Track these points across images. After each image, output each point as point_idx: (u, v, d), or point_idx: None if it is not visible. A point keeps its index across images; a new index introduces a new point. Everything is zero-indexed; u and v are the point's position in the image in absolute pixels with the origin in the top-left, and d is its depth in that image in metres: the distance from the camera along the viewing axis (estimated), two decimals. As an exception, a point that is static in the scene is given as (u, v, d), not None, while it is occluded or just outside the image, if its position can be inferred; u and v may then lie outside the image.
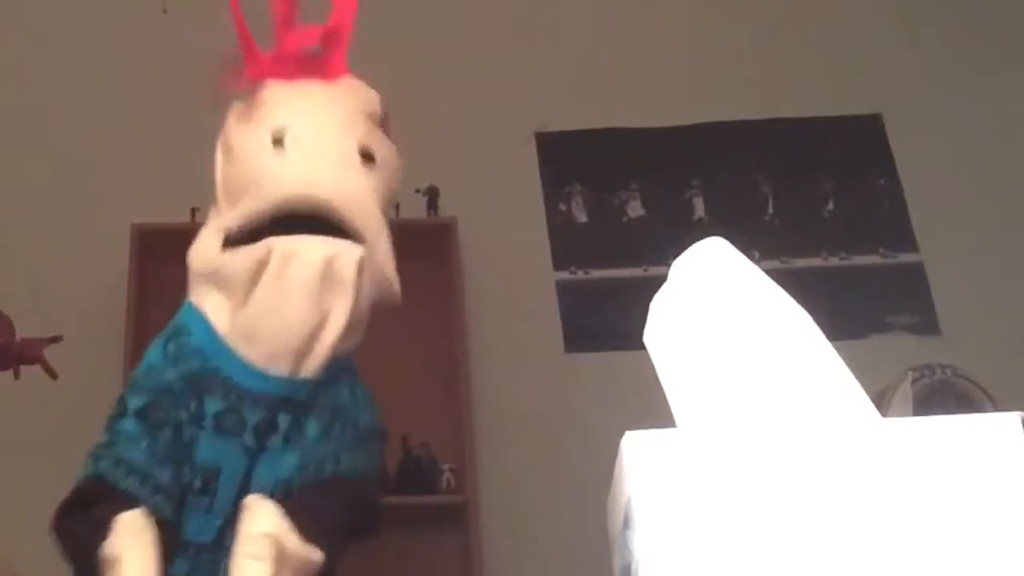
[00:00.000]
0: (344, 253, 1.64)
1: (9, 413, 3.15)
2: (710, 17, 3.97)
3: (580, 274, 3.71)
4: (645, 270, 3.56)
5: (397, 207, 3.60)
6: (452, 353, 3.43)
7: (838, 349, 0.91)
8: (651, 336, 0.97)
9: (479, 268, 3.58)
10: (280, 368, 1.65)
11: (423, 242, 3.52)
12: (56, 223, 3.61)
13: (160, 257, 3.16)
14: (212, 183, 1.81)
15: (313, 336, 1.64)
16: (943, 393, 2.63)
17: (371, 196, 1.72)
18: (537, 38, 3.92)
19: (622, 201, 3.81)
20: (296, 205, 1.66)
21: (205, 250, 1.71)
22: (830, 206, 3.80)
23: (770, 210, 3.80)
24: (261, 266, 1.62)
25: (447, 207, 3.56)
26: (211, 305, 1.70)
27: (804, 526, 0.77)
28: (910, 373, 2.67)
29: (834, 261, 3.72)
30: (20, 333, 2.54)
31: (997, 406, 2.51)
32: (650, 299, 0.99)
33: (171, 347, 1.71)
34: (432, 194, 3.55)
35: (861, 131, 3.87)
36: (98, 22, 3.87)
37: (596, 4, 4.00)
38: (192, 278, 1.74)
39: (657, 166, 3.83)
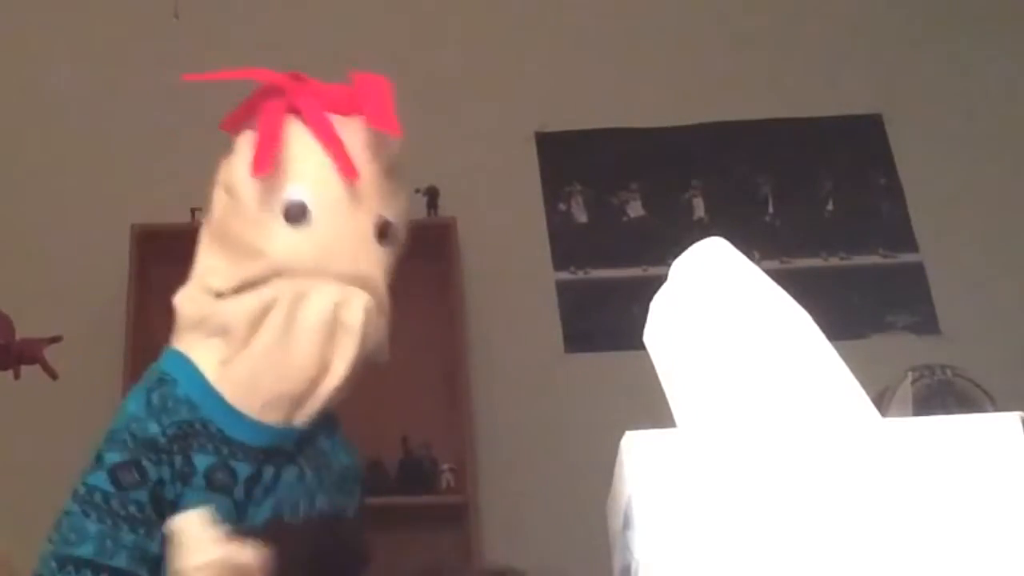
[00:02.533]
0: (352, 300, 1.56)
1: (9, 413, 3.15)
2: (710, 17, 3.97)
3: (580, 274, 3.71)
4: (645, 270, 3.56)
5: (397, 207, 3.63)
6: (452, 353, 3.43)
7: (838, 349, 0.91)
8: (651, 336, 0.97)
9: (479, 268, 3.58)
10: (274, 417, 1.57)
11: (423, 242, 3.51)
12: (56, 223, 3.62)
13: (160, 257, 3.16)
14: (208, 210, 1.71)
15: (314, 383, 1.56)
16: (943, 393, 2.63)
17: (382, 276, 1.64)
18: (537, 38, 3.93)
19: (622, 201, 3.81)
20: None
21: (198, 294, 1.62)
22: (830, 206, 3.80)
23: (770, 210, 3.80)
24: (266, 310, 1.55)
25: (447, 207, 3.57)
26: (199, 353, 1.60)
27: (804, 526, 0.77)
28: (910, 373, 2.67)
29: (834, 261, 3.72)
30: (20, 333, 2.54)
31: (997, 406, 2.51)
32: (650, 299, 0.99)
33: (155, 397, 1.58)
34: (432, 194, 3.56)
35: (861, 131, 3.87)
36: (106, 25, 3.88)
37: (596, 4, 4.00)
38: (179, 325, 1.64)
39: (657, 166, 3.83)
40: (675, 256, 0.99)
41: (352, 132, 1.67)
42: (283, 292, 1.55)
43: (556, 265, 3.71)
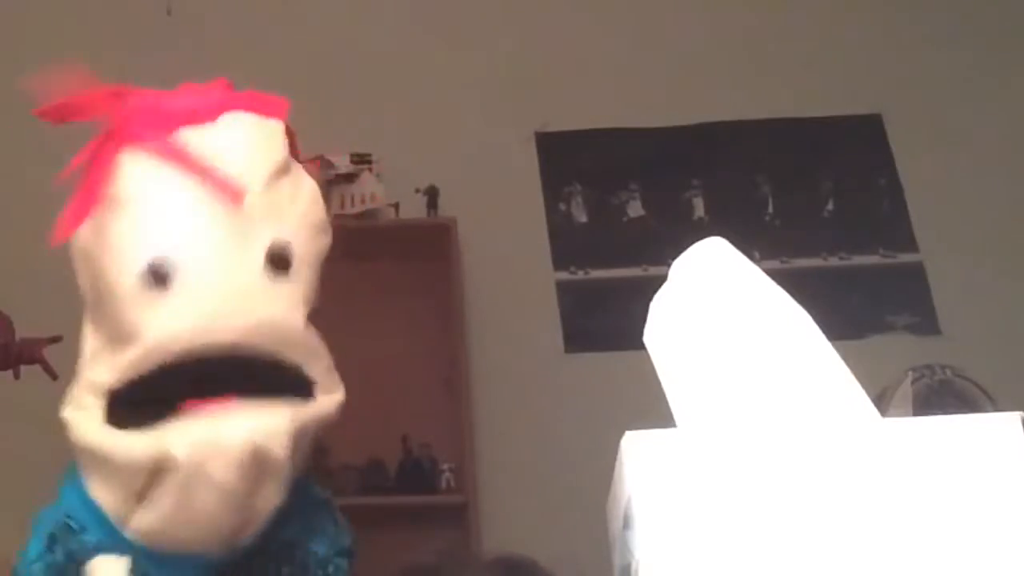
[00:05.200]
0: (273, 431, 1.23)
1: (9, 413, 3.15)
2: (710, 17, 3.97)
3: (580, 274, 3.71)
4: (645, 270, 3.56)
5: (397, 207, 3.64)
6: (452, 353, 3.43)
7: (838, 349, 0.91)
8: (651, 336, 0.97)
9: (479, 268, 3.58)
10: (211, 551, 1.30)
11: (423, 242, 3.53)
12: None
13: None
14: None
15: (240, 529, 1.28)
16: (943, 393, 2.63)
17: (291, 313, 1.29)
18: (537, 38, 3.92)
19: (622, 201, 3.81)
20: (195, 357, 1.25)
21: (83, 420, 1.30)
22: (830, 206, 3.80)
23: (770, 210, 3.79)
24: (160, 460, 1.22)
25: (447, 207, 3.56)
26: (104, 487, 1.31)
27: (804, 526, 0.77)
28: (910, 373, 2.67)
29: (834, 261, 3.72)
30: (20, 333, 2.54)
31: (997, 406, 2.51)
32: (650, 299, 0.99)
33: (59, 551, 1.33)
34: (432, 194, 3.55)
35: (861, 131, 3.87)
36: (101, 23, 3.88)
37: (596, 4, 4.00)
38: (75, 447, 1.34)
39: (657, 166, 3.83)
40: (675, 256, 0.99)
41: (221, 140, 1.33)
42: (178, 447, 1.21)
43: (556, 265, 3.71)
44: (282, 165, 1.35)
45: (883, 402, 2.43)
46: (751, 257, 0.98)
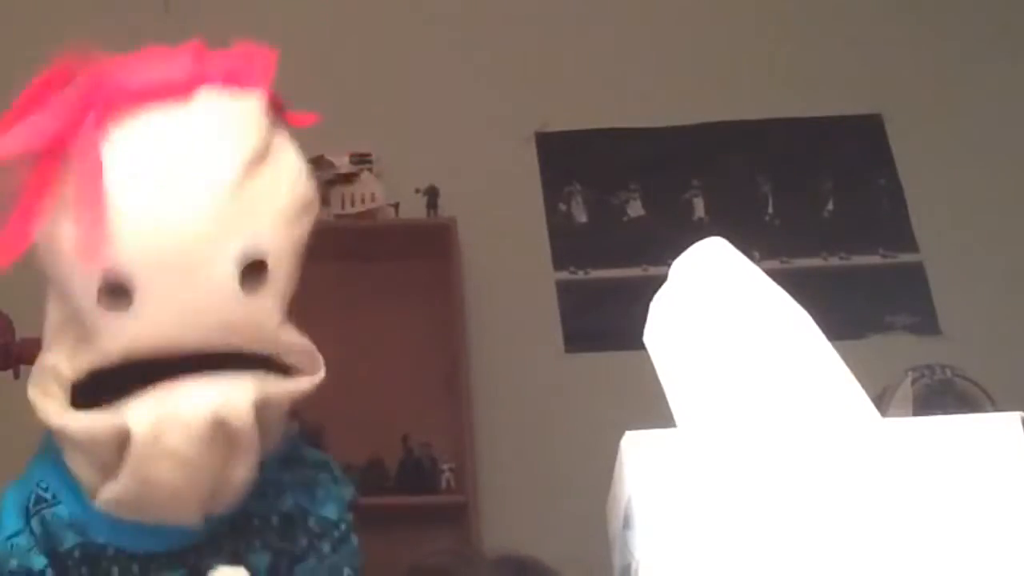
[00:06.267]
0: (234, 401, 1.16)
1: (9, 413, 3.14)
2: (710, 17, 3.97)
3: (580, 274, 3.71)
4: (645, 270, 3.56)
5: (397, 207, 3.64)
6: (452, 353, 3.43)
7: (838, 349, 0.91)
8: (651, 336, 0.97)
9: (479, 268, 3.58)
10: (183, 522, 1.25)
11: (423, 242, 3.53)
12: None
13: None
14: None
15: (214, 494, 1.22)
16: (943, 393, 2.63)
17: (265, 320, 1.20)
18: (537, 38, 3.92)
19: (622, 201, 3.81)
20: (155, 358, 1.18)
21: (48, 403, 1.26)
22: (830, 206, 3.80)
23: (770, 210, 3.80)
24: (123, 434, 1.17)
25: (447, 207, 3.56)
26: (77, 461, 1.26)
27: (804, 526, 0.77)
28: (910, 373, 2.67)
29: (834, 261, 3.72)
30: (20, 333, 2.54)
31: (997, 406, 2.51)
32: (650, 299, 0.99)
33: (35, 523, 1.28)
34: (432, 194, 3.56)
35: (861, 131, 3.87)
36: (98, 18, 3.87)
37: (596, 4, 4.00)
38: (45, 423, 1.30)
39: (657, 166, 3.83)
40: (675, 256, 0.99)
41: (185, 132, 1.18)
42: (136, 416, 1.16)
43: (556, 265, 3.71)
44: (257, 152, 1.20)
45: (883, 402, 2.43)
46: (751, 257, 0.98)
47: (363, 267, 3.51)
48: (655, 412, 0.94)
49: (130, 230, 1.13)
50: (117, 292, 1.15)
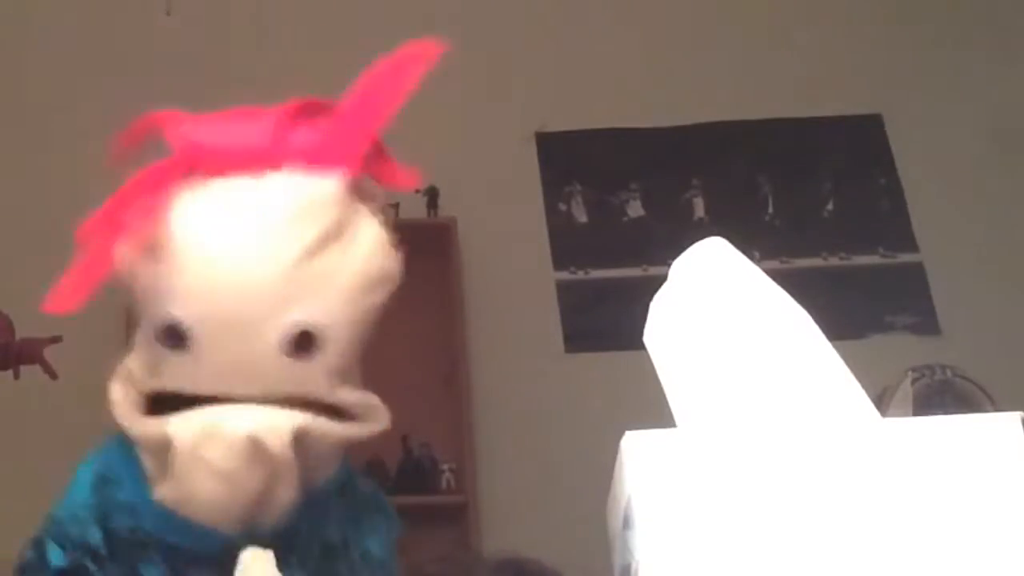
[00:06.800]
0: (275, 427, 1.24)
1: (9, 413, 3.15)
2: (709, 17, 3.97)
3: (580, 274, 3.71)
4: (645, 270, 3.56)
5: (397, 207, 3.63)
6: (452, 353, 3.43)
7: (838, 349, 0.91)
8: (651, 336, 0.97)
9: (479, 268, 3.58)
10: (226, 528, 1.30)
11: (423, 242, 3.52)
12: (56, 223, 3.61)
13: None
14: None
15: (255, 510, 1.28)
16: (943, 393, 2.63)
17: (312, 386, 1.28)
18: (537, 38, 3.93)
19: (622, 201, 3.81)
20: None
21: (126, 389, 1.32)
22: (830, 206, 3.80)
23: (770, 210, 3.80)
24: (168, 443, 1.26)
25: (447, 207, 3.57)
26: (144, 455, 1.34)
27: (804, 526, 0.77)
28: (910, 373, 2.67)
29: (834, 261, 3.73)
30: (20, 333, 2.54)
31: (997, 406, 2.51)
32: (650, 299, 0.99)
33: (98, 498, 1.37)
34: (432, 194, 3.56)
35: (861, 131, 3.87)
36: (100, 23, 3.88)
37: (596, 4, 4.00)
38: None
39: (657, 166, 3.83)
40: (675, 256, 0.99)
41: (256, 208, 1.26)
42: (179, 431, 1.24)
43: (556, 265, 3.71)
44: (327, 233, 1.27)
45: (883, 402, 2.43)
46: (751, 257, 0.97)
47: (363, 267, 3.51)
48: (655, 412, 0.94)
49: (194, 283, 1.24)
50: (174, 340, 1.26)
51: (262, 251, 1.25)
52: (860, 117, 3.87)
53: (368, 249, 1.34)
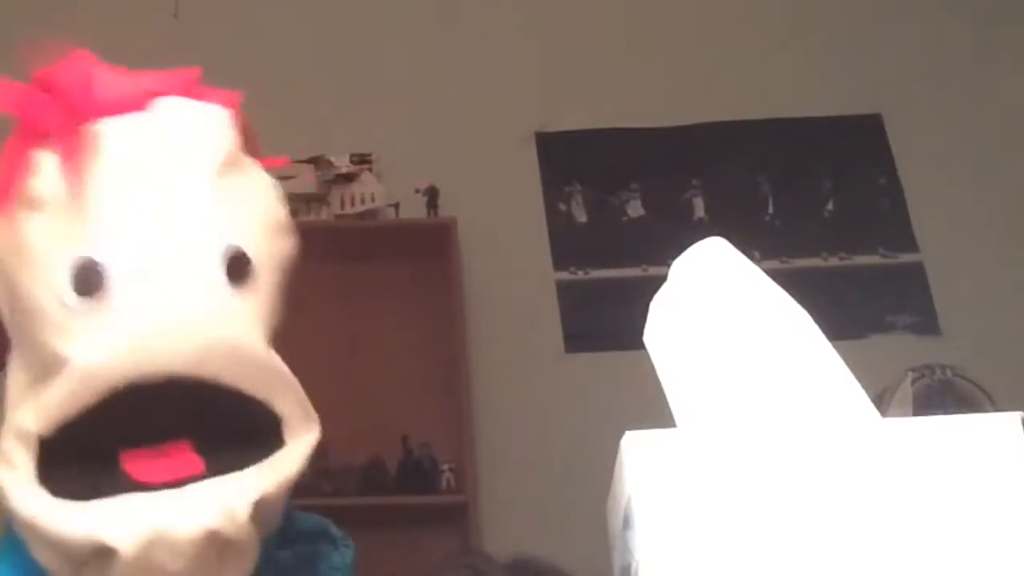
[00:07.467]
0: (230, 512, 1.04)
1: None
2: (710, 17, 3.97)
3: (580, 274, 3.71)
4: (645, 270, 3.56)
5: (397, 207, 3.64)
6: (452, 353, 3.43)
7: (838, 349, 0.91)
8: (651, 336, 0.97)
9: (479, 268, 3.58)
10: None
11: (423, 242, 3.53)
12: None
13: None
14: None
15: None
16: (943, 393, 2.64)
17: (250, 333, 1.08)
18: (537, 38, 3.93)
19: (622, 201, 3.81)
20: (135, 386, 1.03)
21: (15, 482, 1.05)
22: (830, 206, 3.80)
23: (770, 210, 3.80)
24: (103, 548, 1.02)
25: (447, 207, 3.57)
26: (45, 553, 1.09)
27: (804, 526, 0.77)
28: (910, 373, 2.68)
29: (834, 261, 3.73)
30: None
31: (997, 406, 2.51)
32: (650, 299, 0.99)
33: None
34: (432, 194, 3.56)
35: (861, 131, 3.87)
36: (107, 26, 3.87)
37: (596, 4, 4.00)
38: None
39: (657, 166, 3.83)
40: (675, 256, 0.99)
41: (156, 126, 1.13)
42: (118, 539, 1.01)
43: (556, 265, 3.71)
44: (232, 157, 1.13)
45: (883, 402, 2.44)
46: (751, 257, 0.97)
47: (363, 267, 3.51)
48: (655, 412, 0.94)
49: (101, 218, 1.07)
50: (86, 286, 1.06)
51: (178, 172, 1.10)
52: (860, 117, 3.87)
53: (270, 189, 1.19)
